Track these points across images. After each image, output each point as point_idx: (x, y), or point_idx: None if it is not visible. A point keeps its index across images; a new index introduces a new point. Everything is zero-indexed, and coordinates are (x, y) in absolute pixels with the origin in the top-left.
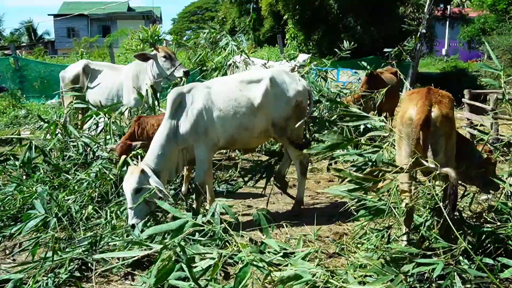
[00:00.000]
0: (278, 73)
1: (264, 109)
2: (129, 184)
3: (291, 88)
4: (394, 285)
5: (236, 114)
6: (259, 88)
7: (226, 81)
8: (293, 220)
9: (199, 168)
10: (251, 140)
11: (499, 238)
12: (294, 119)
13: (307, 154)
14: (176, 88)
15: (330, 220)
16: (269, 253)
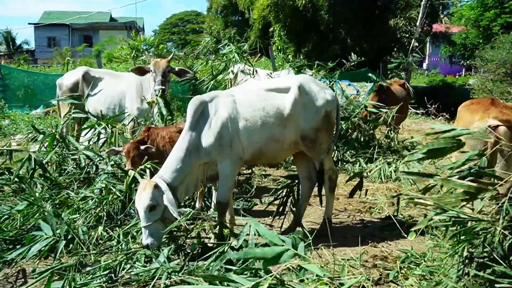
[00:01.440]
0: (306, 81)
1: (293, 119)
2: (141, 200)
3: (320, 97)
4: None
5: (264, 124)
6: (288, 97)
7: (251, 89)
8: (322, 241)
9: (224, 185)
10: (280, 154)
11: None
12: (324, 130)
13: (336, 169)
14: (198, 97)
15: (362, 241)
16: (312, 281)
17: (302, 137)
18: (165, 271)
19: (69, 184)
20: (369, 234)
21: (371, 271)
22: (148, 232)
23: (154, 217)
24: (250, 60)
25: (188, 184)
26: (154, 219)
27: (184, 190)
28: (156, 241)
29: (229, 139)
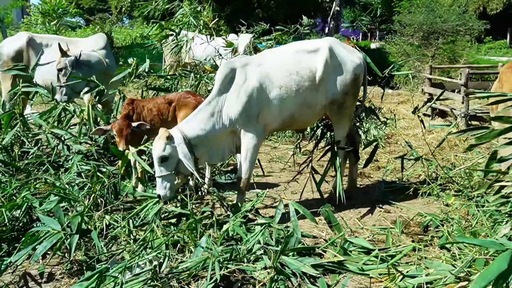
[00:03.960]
0: (335, 43)
1: (325, 82)
2: (154, 151)
3: (349, 60)
4: None
5: (299, 90)
6: (319, 58)
7: (281, 52)
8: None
9: (247, 159)
10: (311, 119)
11: None
12: (351, 94)
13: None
14: (228, 62)
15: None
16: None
17: (331, 101)
18: (216, 259)
19: (36, 169)
20: (377, 199)
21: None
22: (161, 183)
23: (167, 168)
24: (208, 24)
25: (212, 150)
26: (167, 170)
27: (207, 154)
28: (169, 194)
29: (258, 110)
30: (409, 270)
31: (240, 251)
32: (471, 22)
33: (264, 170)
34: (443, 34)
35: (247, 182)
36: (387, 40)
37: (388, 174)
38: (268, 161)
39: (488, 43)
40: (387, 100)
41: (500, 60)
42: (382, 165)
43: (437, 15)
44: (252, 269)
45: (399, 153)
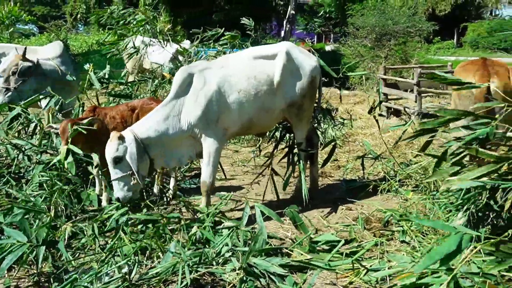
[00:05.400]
0: (292, 47)
1: (282, 86)
2: (108, 153)
3: (306, 63)
4: None
5: (257, 94)
6: (276, 63)
7: (239, 57)
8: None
9: (210, 163)
10: (270, 123)
11: None
12: (309, 97)
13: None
14: (186, 67)
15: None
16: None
17: (289, 104)
18: (185, 263)
19: None
20: (339, 197)
21: (361, 234)
22: (119, 185)
23: (122, 170)
24: (163, 31)
25: (169, 152)
26: (122, 172)
27: (163, 157)
28: (128, 195)
29: (217, 114)
30: (372, 264)
31: (209, 254)
32: (420, 24)
33: (226, 174)
34: (395, 35)
35: (211, 185)
36: (341, 42)
37: (348, 173)
38: (231, 164)
39: (437, 44)
40: (344, 101)
41: (449, 59)
42: (342, 164)
43: (388, 17)
44: (222, 271)
45: (357, 152)
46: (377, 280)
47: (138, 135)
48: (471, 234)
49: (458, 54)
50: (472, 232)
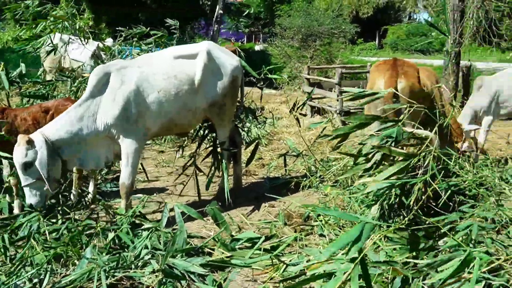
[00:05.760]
0: (213, 47)
1: (204, 85)
2: (16, 159)
3: (227, 63)
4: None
5: (178, 93)
6: (197, 62)
7: (159, 57)
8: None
9: (129, 164)
10: (192, 122)
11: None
12: (230, 96)
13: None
14: (102, 66)
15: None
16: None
17: (211, 103)
18: (102, 268)
19: None
20: (262, 195)
21: (281, 229)
22: (30, 191)
23: (33, 175)
24: (82, 28)
25: (84, 154)
26: (33, 178)
27: (78, 158)
28: (41, 201)
29: (136, 114)
30: (292, 259)
31: (127, 257)
32: (344, 26)
33: (150, 175)
34: (320, 36)
35: (131, 187)
36: (269, 43)
37: (272, 171)
38: (155, 165)
39: (360, 45)
40: (271, 100)
41: (370, 60)
42: (266, 162)
43: (313, 18)
44: (140, 274)
45: (282, 150)
46: (295, 274)
47: (49, 137)
48: (372, 224)
49: (379, 55)
50: (373, 222)
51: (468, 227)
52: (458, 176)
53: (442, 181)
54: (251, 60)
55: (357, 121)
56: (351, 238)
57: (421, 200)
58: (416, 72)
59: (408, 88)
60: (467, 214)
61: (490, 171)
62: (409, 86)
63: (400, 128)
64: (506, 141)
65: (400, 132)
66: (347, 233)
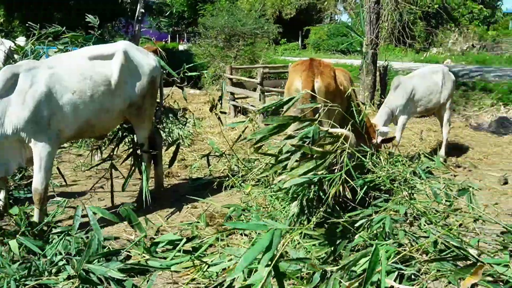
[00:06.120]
0: (130, 47)
1: (121, 86)
2: None
3: (145, 63)
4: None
5: (94, 95)
6: (114, 63)
7: (73, 57)
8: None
9: (42, 169)
10: (110, 124)
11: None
12: (149, 97)
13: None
14: (10, 66)
15: (181, 203)
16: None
17: (129, 104)
18: (12, 277)
19: None
20: (184, 196)
21: (211, 229)
22: None
23: None
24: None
25: None
26: None
27: None
28: None
29: (48, 116)
30: (213, 259)
31: (40, 265)
32: (266, 26)
33: (67, 179)
34: (243, 36)
35: (44, 193)
36: (193, 42)
37: (195, 172)
38: (73, 169)
39: (284, 45)
40: (195, 100)
41: (293, 60)
42: (189, 163)
43: (236, 18)
44: (54, 281)
45: (205, 150)
46: (217, 274)
47: None
48: (282, 229)
49: (302, 55)
50: (282, 227)
51: (381, 221)
52: (373, 173)
53: (358, 177)
54: (174, 60)
55: (276, 122)
56: (262, 247)
57: (338, 196)
58: (332, 72)
59: (324, 88)
60: (381, 208)
61: (403, 166)
62: (325, 85)
63: (317, 127)
64: (420, 138)
65: (317, 131)
66: (258, 243)
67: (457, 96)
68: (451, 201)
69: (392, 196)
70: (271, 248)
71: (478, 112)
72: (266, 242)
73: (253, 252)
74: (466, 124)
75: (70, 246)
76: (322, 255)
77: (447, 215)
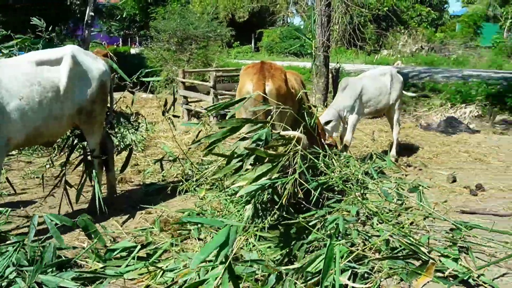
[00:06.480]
0: (78, 51)
1: (70, 92)
2: None
3: (94, 67)
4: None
5: (42, 101)
6: (62, 68)
7: (18, 63)
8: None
9: None
10: (60, 131)
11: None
12: (99, 102)
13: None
14: None
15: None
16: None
17: (79, 110)
18: None
19: None
20: (138, 202)
21: (166, 234)
22: None
23: None
24: None
25: None
26: None
27: None
28: None
29: None
30: (168, 264)
31: None
32: (219, 29)
33: (16, 187)
34: (196, 39)
35: None
36: (145, 46)
37: (149, 177)
38: (22, 177)
39: (237, 48)
40: (147, 104)
41: (246, 63)
42: (143, 168)
43: (189, 22)
44: None
45: (158, 155)
46: (172, 280)
47: None
48: (237, 226)
49: (255, 58)
50: (237, 224)
51: (335, 221)
52: (325, 175)
53: (311, 179)
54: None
55: (229, 125)
56: (218, 243)
57: (293, 198)
58: (283, 75)
59: (275, 91)
60: (334, 209)
61: (355, 167)
62: (276, 88)
63: (269, 130)
64: (371, 138)
65: (269, 134)
66: (214, 239)
67: (407, 96)
68: (403, 200)
69: (345, 197)
70: (227, 244)
71: (428, 112)
72: (222, 238)
73: (209, 247)
74: (416, 124)
75: (23, 256)
76: (277, 257)
77: (398, 214)
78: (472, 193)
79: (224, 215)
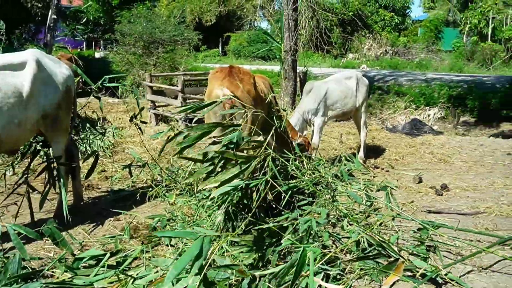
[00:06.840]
0: (41, 55)
1: (34, 97)
2: None
3: (59, 72)
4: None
5: (3, 107)
6: (25, 73)
7: None
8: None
9: None
10: (22, 138)
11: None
12: (64, 107)
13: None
14: None
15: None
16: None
17: (43, 116)
18: None
19: None
20: (106, 208)
21: (136, 241)
22: None
23: None
24: None
25: None
26: None
27: None
28: None
29: None
30: (139, 272)
31: None
32: (186, 33)
33: None
34: (163, 43)
35: None
36: (110, 50)
37: (117, 183)
38: None
39: (204, 52)
40: (114, 109)
41: (214, 66)
42: (110, 174)
43: (155, 25)
44: None
45: (126, 161)
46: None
47: None
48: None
49: (223, 62)
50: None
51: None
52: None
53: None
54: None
55: (200, 130)
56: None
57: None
58: (251, 79)
59: (246, 94)
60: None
61: (324, 170)
62: (246, 92)
63: (240, 133)
64: (340, 141)
65: (240, 137)
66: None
67: (373, 99)
68: (371, 201)
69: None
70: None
71: (393, 114)
72: (196, 250)
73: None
74: (382, 127)
75: None
76: (250, 261)
77: (368, 215)
78: (437, 193)
79: (195, 220)
